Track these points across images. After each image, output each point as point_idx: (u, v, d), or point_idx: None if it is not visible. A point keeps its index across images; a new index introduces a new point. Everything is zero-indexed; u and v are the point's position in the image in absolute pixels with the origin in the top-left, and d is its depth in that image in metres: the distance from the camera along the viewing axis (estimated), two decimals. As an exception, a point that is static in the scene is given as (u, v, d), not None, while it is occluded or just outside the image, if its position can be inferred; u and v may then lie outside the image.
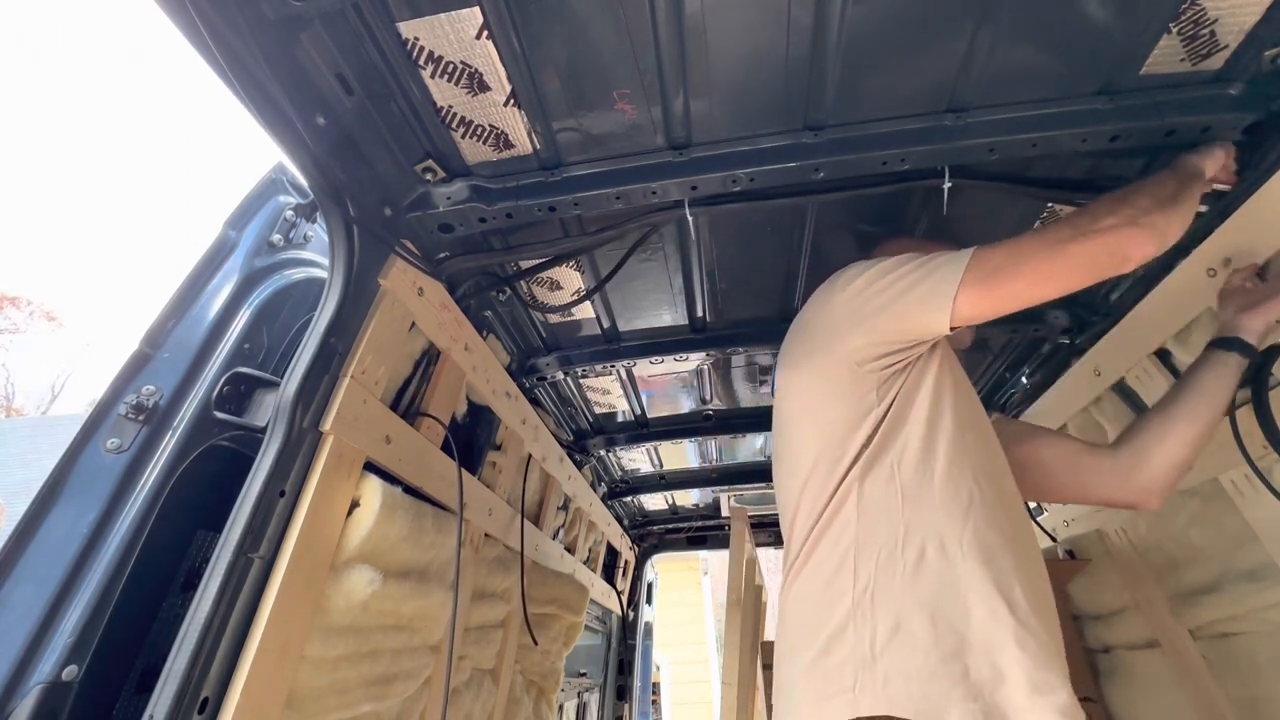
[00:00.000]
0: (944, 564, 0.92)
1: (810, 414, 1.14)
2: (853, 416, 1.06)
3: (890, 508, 0.98)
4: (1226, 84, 1.09)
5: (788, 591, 1.08)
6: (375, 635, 1.14)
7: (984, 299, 1.00)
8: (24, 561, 0.84)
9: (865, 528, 0.98)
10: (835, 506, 1.02)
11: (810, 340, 1.18)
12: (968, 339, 1.31)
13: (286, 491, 0.95)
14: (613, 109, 1.10)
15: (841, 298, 1.12)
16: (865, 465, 1.02)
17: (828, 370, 1.12)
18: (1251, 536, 1.28)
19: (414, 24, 0.95)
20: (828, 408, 1.10)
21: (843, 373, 1.09)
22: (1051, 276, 0.99)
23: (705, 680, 8.33)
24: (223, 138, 36.21)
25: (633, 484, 3.08)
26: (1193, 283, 1.25)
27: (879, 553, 0.96)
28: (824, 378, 1.13)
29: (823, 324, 1.16)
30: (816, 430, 1.11)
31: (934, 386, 1.06)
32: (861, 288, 1.09)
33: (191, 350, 1.03)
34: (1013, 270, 0.99)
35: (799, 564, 1.06)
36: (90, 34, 32.75)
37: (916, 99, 1.11)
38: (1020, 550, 0.98)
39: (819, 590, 0.99)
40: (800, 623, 1.01)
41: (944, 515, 0.96)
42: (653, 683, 5.10)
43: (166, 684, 0.78)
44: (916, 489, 0.99)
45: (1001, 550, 0.94)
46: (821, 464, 1.07)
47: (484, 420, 1.68)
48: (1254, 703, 1.37)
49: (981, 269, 0.99)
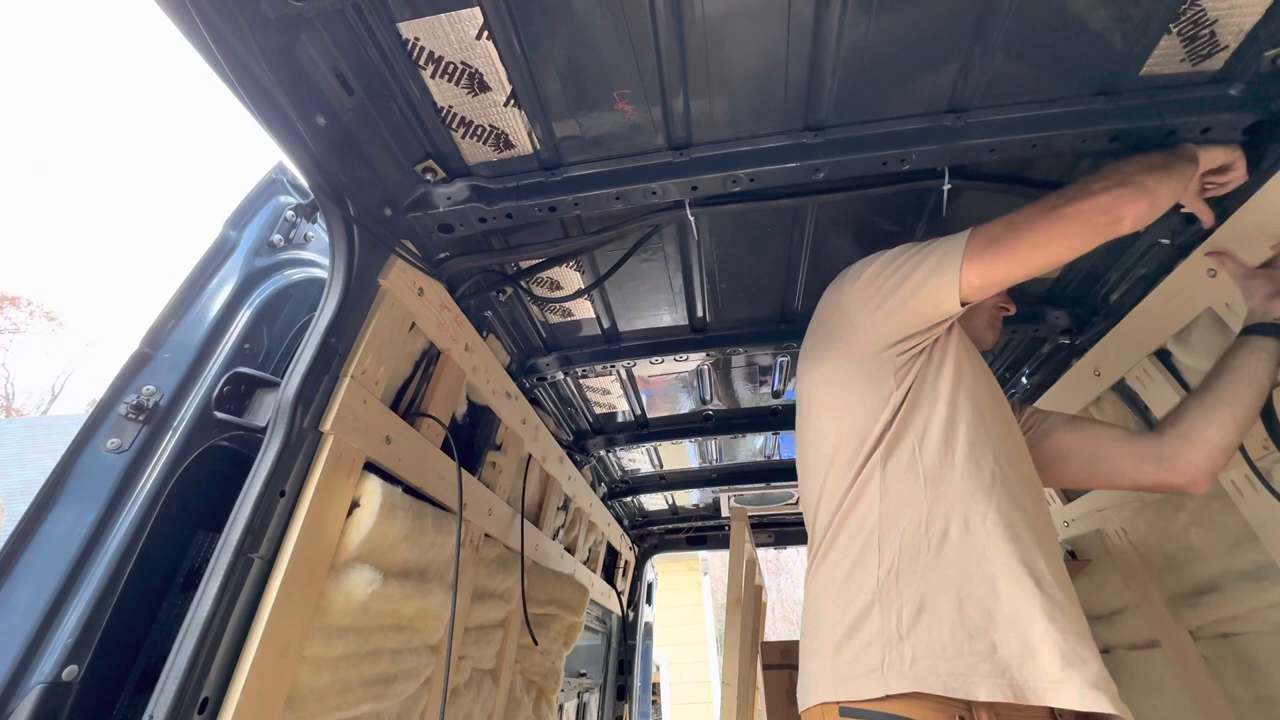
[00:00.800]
0: (968, 541, 0.93)
1: (830, 406, 1.15)
2: (872, 403, 1.07)
3: (913, 489, 0.99)
4: (1226, 84, 1.09)
5: (812, 580, 1.09)
6: (375, 635, 1.14)
7: (989, 268, 1.02)
8: (24, 561, 0.84)
9: (888, 510, 0.99)
10: (858, 491, 1.04)
11: (825, 336, 1.20)
12: (989, 339, 1.31)
13: (286, 491, 0.95)
14: (613, 109, 1.10)
15: (852, 290, 1.15)
16: (886, 449, 1.03)
17: (845, 361, 1.14)
18: (1251, 536, 1.28)
19: (414, 24, 0.95)
20: (847, 398, 1.12)
21: (860, 362, 1.11)
22: (1050, 240, 1.01)
23: (705, 680, 8.33)
24: (223, 138, 36.24)
25: (633, 484, 3.08)
26: (1193, 283, 1.25)
27: (903, 534, 0.97)
28: (842, 369, 1.14)
29: (836, 319, 1.18)
30: (836, 421, 1.12)
31: (953, 370, 1.08)
32: (872, 276, 1.12)
33: (192, 350, 1.03)
34: (1012, 238, 1.01)
35: (822, 551, 1.07)
36: (90, 34, 32.76)
37: (917, 99, 1.11)
38: (1042, 528, 0.99)
39: (844, 575, 1.00)
40: (826, 608, 1.02)
41: (966, 494, 0.97)
42: (653, 683, 5.10)
43: (166, 684, 0.78)
44: (938, 469, 1.00)
45: (1024, 527, 0.95)
46: (843, 452, 1.08)
47: (484, 420, 1.68)
48: (1254, 703, 1.37)
49: (982, 240, 1.03)
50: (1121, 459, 1.20)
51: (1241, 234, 1.15)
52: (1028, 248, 1.01)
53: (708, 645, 8.61)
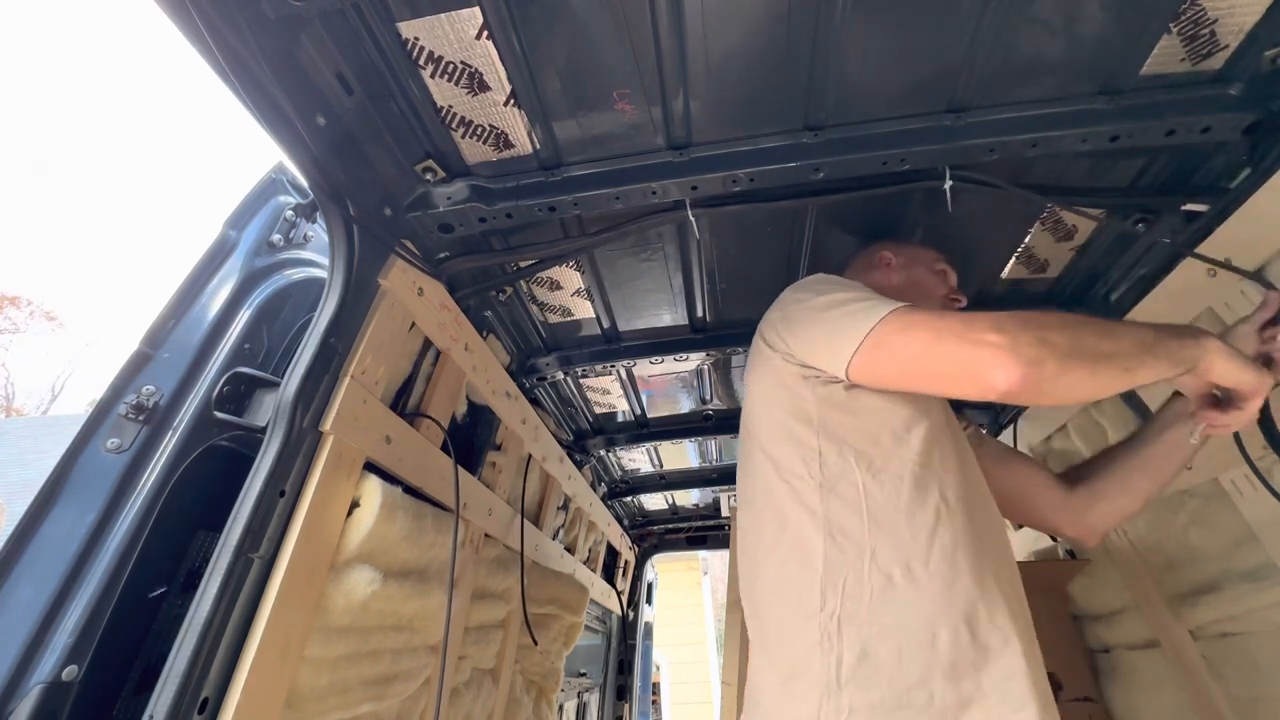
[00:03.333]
0: (910, 588, 0.89)
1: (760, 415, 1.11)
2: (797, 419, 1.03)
3: (856, 530, 0.94)
4: (1226, 84, 1.09)
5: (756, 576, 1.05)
6: (375, 635, 1.14)
7: (870, 366, 0.95)
8: (24, 561, 0.84)
9: (833, 549, 0.93)
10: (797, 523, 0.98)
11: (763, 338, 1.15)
12: None
13: (286, 491, 0.95)
14: (613, 109, 1.10)
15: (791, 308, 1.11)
16: (827, 482, 0.97)
17: (775, 369, 1.09)
18: (1251, 536, 1.28)
19: (414, 24, 0.95)
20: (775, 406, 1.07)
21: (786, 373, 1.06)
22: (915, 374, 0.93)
23: (705, 680, 8.33)
24: (223, 138, 36.23)
25: (633, 484, 3.08)
26: (1193, 283, 1.25)
27: (845, 577, 0.91)
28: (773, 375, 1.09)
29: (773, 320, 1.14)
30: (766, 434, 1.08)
31: (900, 400, 1.01)
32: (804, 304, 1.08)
33: (191, 350, 1.03)
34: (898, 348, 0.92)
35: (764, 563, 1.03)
36: (90, 33, 32.76)
37: (917, 99, 1.11)
38: (992, 565, 0.94)
39: (790, 602, 0.96)
40: (771, 627, 0.99)
41: (909, 537, 0.92)
42: (653, 683, 5.09)
43: (166, 684, 0.78)
44: (881, 509, 0.94)
45: (970, 570, 0.91)
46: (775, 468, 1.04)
47: (484, 420, 1.68)
48: (1254, 703, 1.37)
49: (878, 334, 0.93)
50: (1037, 500, 1.25)
51: (1241, 233, 1.15)
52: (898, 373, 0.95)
53: (708, 645, 8.61)
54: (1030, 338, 0.83)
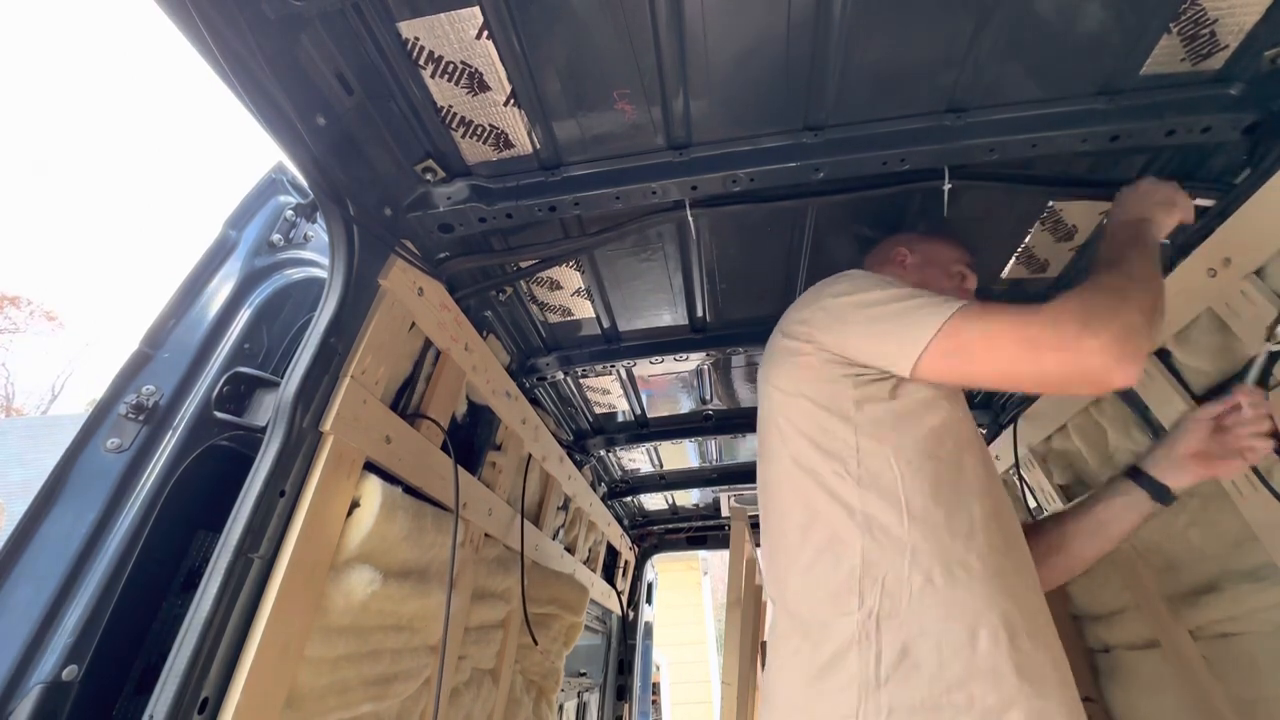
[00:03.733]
0: (950, 589, 0.90)
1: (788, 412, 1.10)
2: (834, 414, 1.03)
3: (896, 528, 0.95)
4: (1226, 84, 1.09)
5: (784, 583, 1.05)
6: (375, 635, 1.14)
7: (947, 370, 0.97)
8: (24, 561, 0.84)
9: (871, 546, 0.94)
10: (831, 518, 0.99)
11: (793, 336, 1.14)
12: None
13: (286, 491, 0.95)
14: (613, 109, 1.10)
15: (830, 303, 1.10)
16: (865, 479, 0.98)
17: (809, 366, 1.08)
18: (1251, 536, 1.27)
19: (414, 24, 0.95)
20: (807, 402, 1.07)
21: (822, 371, 1.06)
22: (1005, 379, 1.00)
23: (705, 680, 8.33)
24: (223, 138, 36.23)
25: (633, 484, 3.08)
26: (1193, 283, 1.25)
27: (885, 574, 0.92)
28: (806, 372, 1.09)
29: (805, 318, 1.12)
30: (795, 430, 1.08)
31: (932, 404, 1.03)
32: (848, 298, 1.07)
33: (191, 350, 1.03)
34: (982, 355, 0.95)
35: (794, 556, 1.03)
36: (90, 33, 32.76)
37: (917, 99, 1.11)
38: (1023, 571, 0.97)
39: (823, 598, 0.96)
40: (800, 627, 0.99)
41: (949, 537, 0.93)
42: (653, 683, 5.10)
43: (166, 684, 0.78)
44: (921, 509, 0.95)
45: (1005, 574, 0.93)
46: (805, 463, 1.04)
47: (484, 420, 1.68)
48: (1254, 703, 1.37)
49: (955, 339, 0.95)
50: None
51: (1241, 233, 1.15)
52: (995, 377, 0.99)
53: (708, 645, 8.62)
54: (1119, 329, 0.88)
